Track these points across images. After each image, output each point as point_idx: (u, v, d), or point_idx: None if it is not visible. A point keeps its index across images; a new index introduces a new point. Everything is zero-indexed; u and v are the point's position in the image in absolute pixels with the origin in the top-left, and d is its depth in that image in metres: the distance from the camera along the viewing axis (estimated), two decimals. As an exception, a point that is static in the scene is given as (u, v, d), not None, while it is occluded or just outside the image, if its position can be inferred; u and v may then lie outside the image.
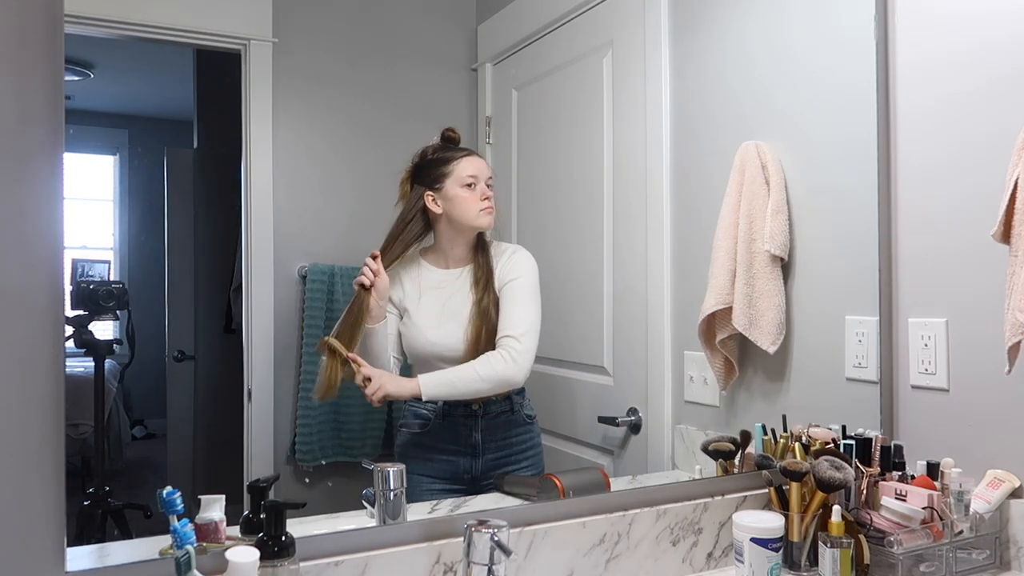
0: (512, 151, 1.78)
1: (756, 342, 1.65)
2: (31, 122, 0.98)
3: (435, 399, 1.53)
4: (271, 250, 1.51)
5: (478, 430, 1.57)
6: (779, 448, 1.54)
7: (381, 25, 1.63)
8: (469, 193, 1.55)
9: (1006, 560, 1.41)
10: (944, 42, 1.54)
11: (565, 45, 1.80)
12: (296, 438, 1.52)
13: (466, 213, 1.56)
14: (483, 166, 1.58)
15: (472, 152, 1.58)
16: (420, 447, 1.56)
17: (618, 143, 1.77)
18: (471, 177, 1.55)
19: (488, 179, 1.58)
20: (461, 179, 1.54)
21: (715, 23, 1.74)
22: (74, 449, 1.27)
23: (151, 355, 1.42)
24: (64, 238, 1.00)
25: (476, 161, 1.57)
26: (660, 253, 1.74)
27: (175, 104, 1.47)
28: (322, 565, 1.12)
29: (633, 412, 1.74)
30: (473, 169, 1.55)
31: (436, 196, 1.55)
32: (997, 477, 1.41)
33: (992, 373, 1.42)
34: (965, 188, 1.50)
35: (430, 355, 1.55)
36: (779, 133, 1.68)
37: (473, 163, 1.56)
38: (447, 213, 1.55)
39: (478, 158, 1.58)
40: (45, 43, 0.98)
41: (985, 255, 1.44)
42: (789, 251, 1.65)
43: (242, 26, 1.49)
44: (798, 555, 1.39)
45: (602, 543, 1.34)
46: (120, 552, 1.13)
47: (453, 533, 1.22)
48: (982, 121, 1.47)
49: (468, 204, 1.55)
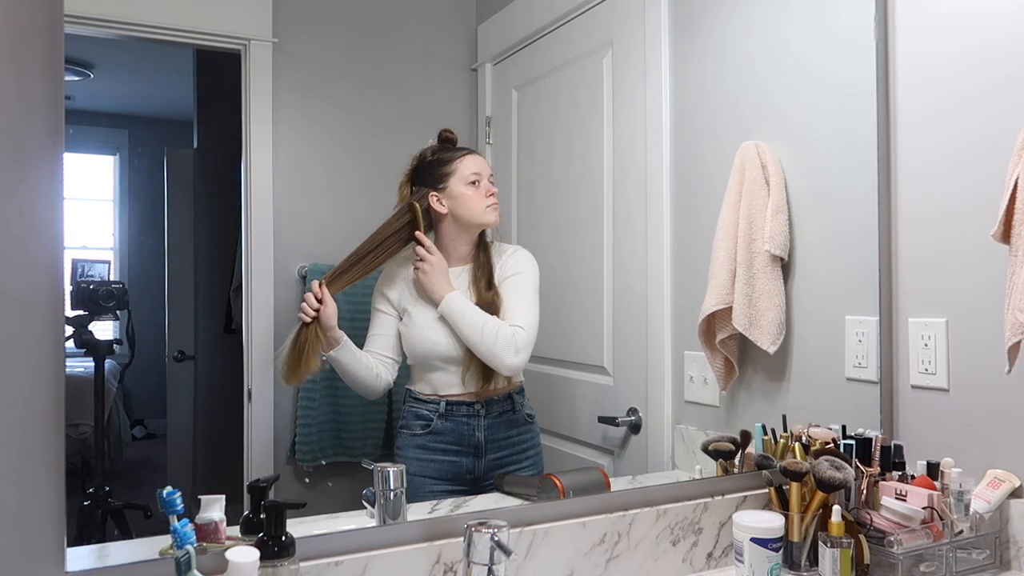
0: (512, 151, 1.78)
1: (756, 342, 1.65)
2: (31, 122, 0.98)
3: (445, 315, 1.53)
4: (271, 250, 1.51)
5: (481, 430, 1.56)
6: (779, 448, 1.54)
7: (381, 25, 1.63)
8: (474, 191, 1.55)
9: (1006, 560, 1.41)
10: (944, 42, 1.54)
11: (565, 45, 1.80)
12: (296, 438, 1.52)
13: (472, 210, 1.56)
14: (484, 164, 1.59)
15: (472, 151, 1.59)
16: (422, 448, 1.55)
17: (618, 143, 1.77)
18: (475, 175, 1.56)
19: (490, 176, 1.59)
20: (465, 177, 1.55)
21: (715, 23, 1.74)
22: (74, 449, 1.27)
23: (151, 355, 1.42)
24: (64, 238, 1.00)
25: (477, 159, 1.58)
26: (660, 253, 1.74)
27: (175, 104, 1.47)
28: (322, 565, 1.12)
29: (633, 412, 1.74)
30: (476, 167, 1.56)
31: (440, 196, 1.55)
32: (997, 477, 1.41)
33: (992, 373, 1.42)
34: (965, 188, 1.50)
35: (431, 355, 1.55)
36: (779, 133, 1.68)
37: (475, 161, 1.57)
38: (452, 212, 1.56)
39: (479, 156, 1.60)
40: (45, 43, 0.98)
41: (985, 255, 1.44)
42: (789, 251, 1.65)
43: (242, 26, 1.49)
44: (798, 555, 1.39)
45: (602, 543, 1.34)
46: (120, 552, 1.13)
47: (453, 533, 1.22)
48: (982, 121, 1.47)
49: (474, 201, 1.56)
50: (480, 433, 1.56)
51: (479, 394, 1.56)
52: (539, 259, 1.63)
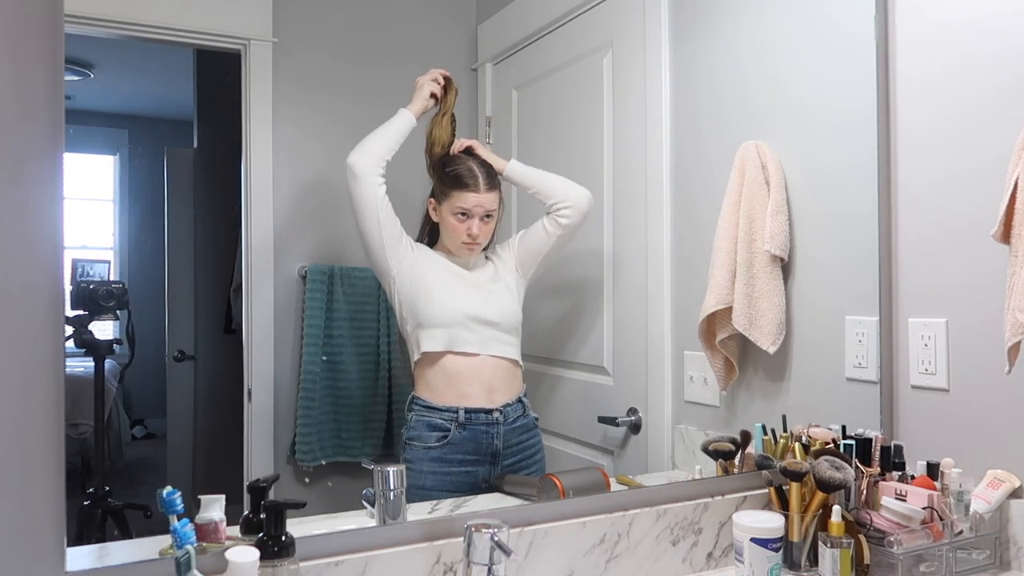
0: (512, 151, 1.78)
1: (756, 342, 1.65)
2: (31, 122, 0.98)
3: (514, 178, 1.60)
4: (271, 250, 1.51)
5: (500, 437, 1.54)
6: (779, 448, 1.54)
7: (381, 25, 1.63)
8: (457, 223, 1.55)
9: (1006, 560, 1.41)
10: (944, 42, 1.54)
11: (565, 45, 1.80)
12: (296, 438, 1.52)
13: (450, 239, 1.58)
14: (483, 200, 1.55)
15: (476, 185, 1.55)
16: (438, 461, 1.51)
17: (618, 143, 1.77)
18: (462, 209, 1.54)
19: (486, 214, 1.55)
20: (453, 207, 1.55)
21: (715, 23, 1.74)
22: (74, 449, 1.27)
23: (151, 355, 1.42)
24: (64, 238, 1.00)
25: (474, 197, 1.54)
26: (660, 253, 1.74)
27: (175, 104, 1.47)
28: (322, 565, 1.12)
29: (633, 412, 1.74)
30: (468, 204, 1.54)
31: (435, 205, 1.58)
32: (997, 477, 1.41)
33: (992, 373, 1.42)
34: (965, 187, 1.50)
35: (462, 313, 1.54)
36: (779, 133, 1.68)
37: (470, 198, 1.54)
38: (439, 225, 1.59)
39: (480, 193, 1.55)
40: (45, 43, 0.98)
41: (985, 255, 1.44)
42: (789, 251, 1.66)
43: (242, 26, 1.49)
44: (798, 555, 1.39)
45: (602, 543, 1.34)
46: (120, 552, 1.13)
47: (453, 533, 1.22)
48: (983, 121, 1.47)
49: (454, 233, 1.56)
50: (499, 440, 1.54)
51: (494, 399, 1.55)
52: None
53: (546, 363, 1.78)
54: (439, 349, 1.52)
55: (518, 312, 1.60)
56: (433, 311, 1.54)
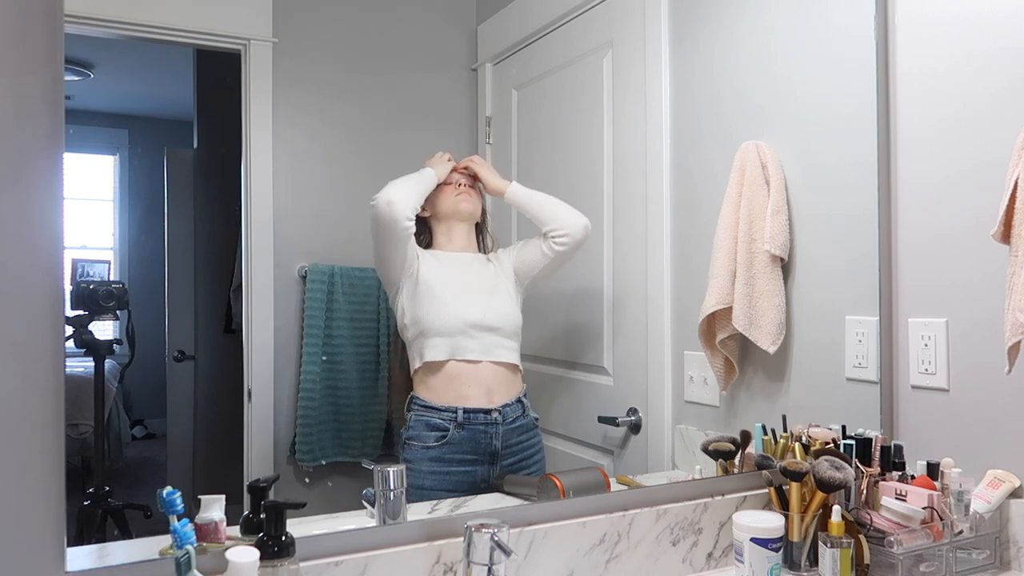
0: (512, 151, 1.78)
1: (756, 342, 1.65)
2: (31, 122, 0.98)
3: (514, 201, 1.63)
4: (271, 250, 1.51)
5: (498, 437, 1.55)
6: (779, 448, 1.54)
7: (381, 25, 1.63)
8: (446, 185, 1.60)
9: (1006, 560, 1.41)
10: (944, 42, 1.54)
11: (565, 45, 1.80)
12: (296, 438, 1.52)
13: (444, 207, 1.60)
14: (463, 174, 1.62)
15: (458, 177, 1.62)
16: (437, 460, 1.51)
17: (618, 143, 1.77)
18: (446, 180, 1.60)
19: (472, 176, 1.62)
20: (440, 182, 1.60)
21: (715, 23, 1.74)
22: (74, 449, 1.27)
23: (151, 355, 1.42)
24: (64, 238, 1.00)
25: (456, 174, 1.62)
26: (660, 253, 1.74)
27: (175, 104, 1.47)
28: (322, 565, 1.12)
29: (633, 412, 1.74)
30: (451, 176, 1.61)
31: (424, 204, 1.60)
32: (997, 477, 1.41)
33: (992, 373, 1.42)
34: (965, 187, 1.50)
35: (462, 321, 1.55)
36: (779, 133, 1.69)
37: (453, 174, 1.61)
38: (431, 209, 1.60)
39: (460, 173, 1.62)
40: (45, 43, 0.98)
41: (985, 255, 1.44)
42: (789, 251, 1.65)
43: (242, 26, 1.49)
44: (798, 555, 1.39)
45: (602, 543, 1.34)
46: (120, 552, 1.13)
47: (453, 533, 1.22)
48: (983, 121, 1.47)
49: (446, 196, 1.60)
50: (498, 441, 1.54)
51: (493, 400, 1.55)
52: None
53: (546, 363, 1.78)
54: (442, 358, 1.54)
55: (518, 316, 1.60)
56: (436, 321, 1.54)
